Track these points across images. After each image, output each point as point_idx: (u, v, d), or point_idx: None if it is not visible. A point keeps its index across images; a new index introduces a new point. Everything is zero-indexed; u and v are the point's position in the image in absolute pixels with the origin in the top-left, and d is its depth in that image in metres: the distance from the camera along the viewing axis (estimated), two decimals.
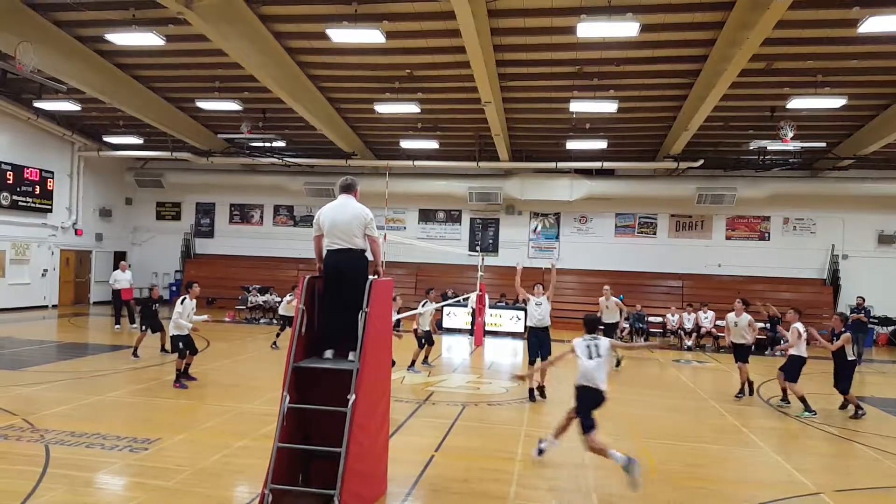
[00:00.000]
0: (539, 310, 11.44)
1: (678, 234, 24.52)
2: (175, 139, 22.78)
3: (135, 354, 13.09)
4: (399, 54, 15.75)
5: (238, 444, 7.63)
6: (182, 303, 10.97)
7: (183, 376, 10.86)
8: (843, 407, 10.86)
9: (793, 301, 22.34)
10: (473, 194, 24.21)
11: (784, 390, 11.07)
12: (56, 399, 9.50)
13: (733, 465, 7.85)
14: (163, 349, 13.52)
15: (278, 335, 15.77)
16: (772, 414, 10.72)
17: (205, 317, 11.57)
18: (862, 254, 22.98)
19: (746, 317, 11.95)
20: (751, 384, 11.88)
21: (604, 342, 7.29)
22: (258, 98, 18.90)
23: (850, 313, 17.81)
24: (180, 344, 10.73)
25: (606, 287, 15.72)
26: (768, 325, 18.88)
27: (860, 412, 10.38)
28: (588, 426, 6.91)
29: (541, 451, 7.43)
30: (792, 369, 10.71)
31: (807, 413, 10.20)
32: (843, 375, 10.66)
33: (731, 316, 12.16)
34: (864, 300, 18.02)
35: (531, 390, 10.89)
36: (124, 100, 19.08)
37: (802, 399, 10.42)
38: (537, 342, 11.14)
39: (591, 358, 7.28)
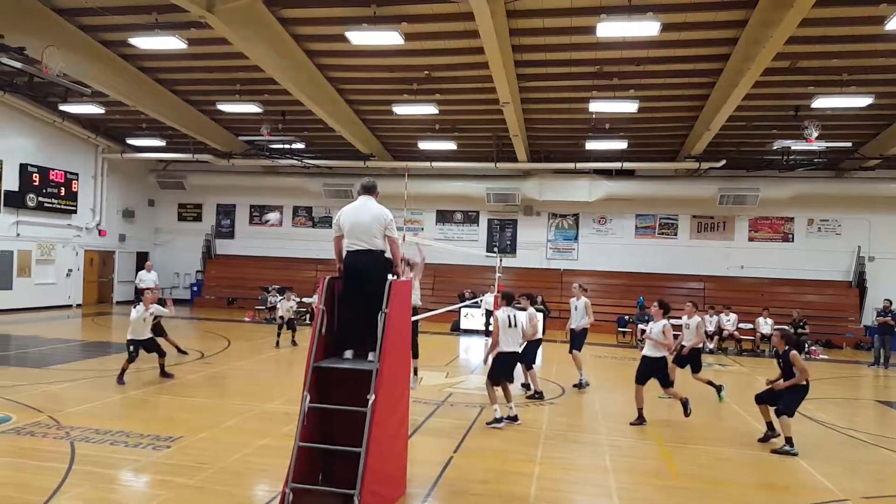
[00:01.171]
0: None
1: (699, 235, 24.26)
2: (196, 141, 23.03)
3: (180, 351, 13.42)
4: (417, 56, 15.77)
5: (259, 442, 7.68)
6: (135, 308, 11.10)
7: (164, 374, 11.17)
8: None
9: (817, 304, 22.13)
10: (491, 195, 24.17)
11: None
12: (81, 397, 9.64)
13: (757, 469, 7.74)
14: (179, 350, 13.52)
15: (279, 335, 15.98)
16: (796, 418, 10.54)
17: (167, 310, 11.73)
18: (889, 255, 22.55)
19: (696, 319, 11.82)
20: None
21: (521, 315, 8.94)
22: (278, 100, 19.04)
23: (877, 316, 17.52)
24: (131, 347, 10.80)
25: (576, 285, 12.85)
26: (792, 327, 18.66)
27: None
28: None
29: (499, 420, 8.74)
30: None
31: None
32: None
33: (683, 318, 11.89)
34: (891, 303, 17.70)
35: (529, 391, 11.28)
36: (147, 103, 19.34)
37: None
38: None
39: (510, 326, 9.00)
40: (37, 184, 21.75)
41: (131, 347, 10.83)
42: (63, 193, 22.95)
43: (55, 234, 22.96)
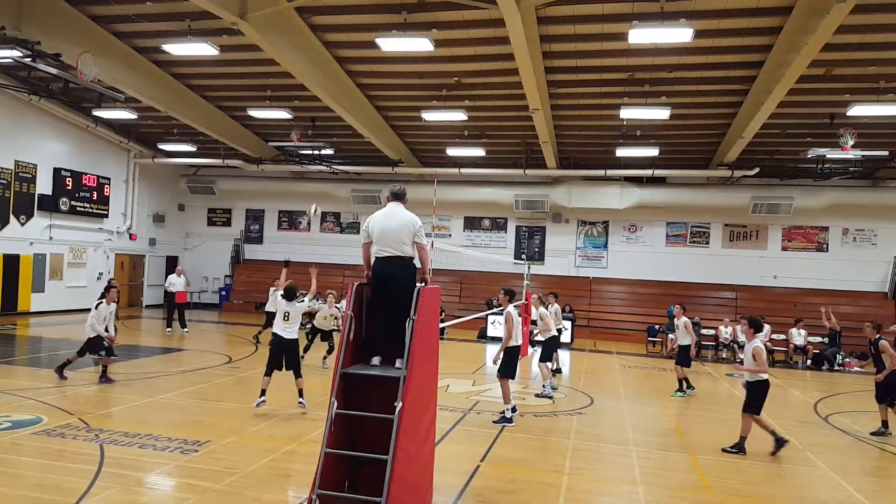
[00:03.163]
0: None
1: (732, 244, 23.84)
2: (227, 147, 23.31)
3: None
4: (447, 62, 15.77)
5: (286, 448, 7.68)
6: (97, 307, 11.07)
7: (102, 377, 10.99)
8: None
9: (852, 315, 21.55)
10: (520, 202, 24.04)
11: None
12: (110, 399, 9.75)
13: (788, 482, 7.53)
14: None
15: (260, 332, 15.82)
16: (828, 430, 10.26)
17: (110, 333, 11.29)
18: None
19: (684, 319, 12.69)
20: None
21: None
22: (308, 106, 19.19)
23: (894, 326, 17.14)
24: (91, 344, 10.81)
25: (535, 296, 12.95)
26: (827, 338, 18.20)
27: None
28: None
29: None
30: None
31: None
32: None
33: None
34: None
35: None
36: (179, 108, 19.63)
37: None
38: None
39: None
40: (70, 188, 22.18)
41: (91, 344, 10.82)
42: (95, 197, 23.37)
43: (87, 238, 23.38)
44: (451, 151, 22.29)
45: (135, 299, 26.16)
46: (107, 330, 11.15)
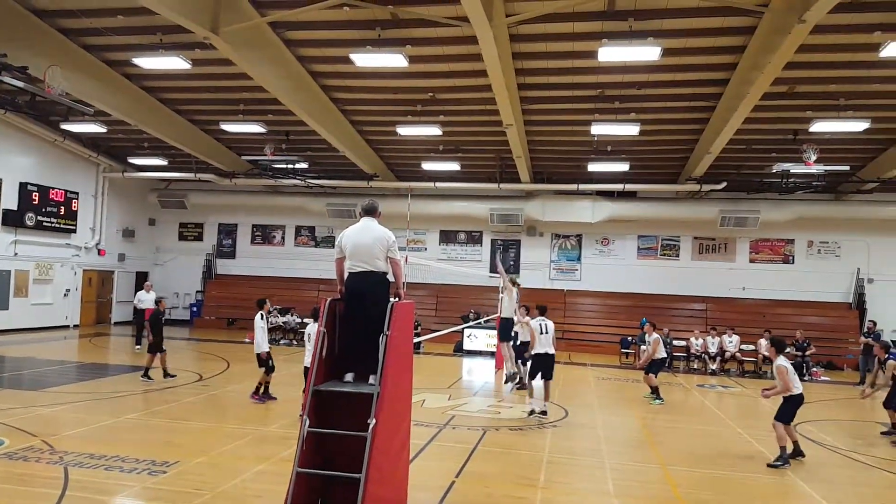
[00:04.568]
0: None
1: (701, 256, 24.24)
2: (199, 161, 23.08)
3: (147, 376, 12.95)
4: (421, 78, 15.86)
5: (257, 467, 7.57)
6: None
7: None
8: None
9: (818, 325, 22.03)
10: (494, 216, 24.18)
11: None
12: (75, 420, 9.53)
13: (760, 493, 7.62)
14: (166, 374, 13.29)
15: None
16: (800, 441, 10.42)
17: None
18: (888, 277, 22.50)
19: (655, 336, 13.40)
20: None
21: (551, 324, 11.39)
22: (282, 120, 19.12)
23: (861, 337, 17.59)
24: None
25: (522, 308, 13.96)
26: (794, 348, 18.60)
27: None
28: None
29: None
30: None
31: None
32: None
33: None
34: (874, 324, 18.15)
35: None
36: (150, 122, 19.41)
37: None
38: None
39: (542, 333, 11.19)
40: (36, 203, 21.73)
41: None
42: (63, 212, 22.93)
43: (54, 254, 22.90)
44: (427, 166, 22.37)
45: (103, 316, 25.65)
46: None
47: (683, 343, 19.96)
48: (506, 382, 13.54)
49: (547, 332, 11.36)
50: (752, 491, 7.70)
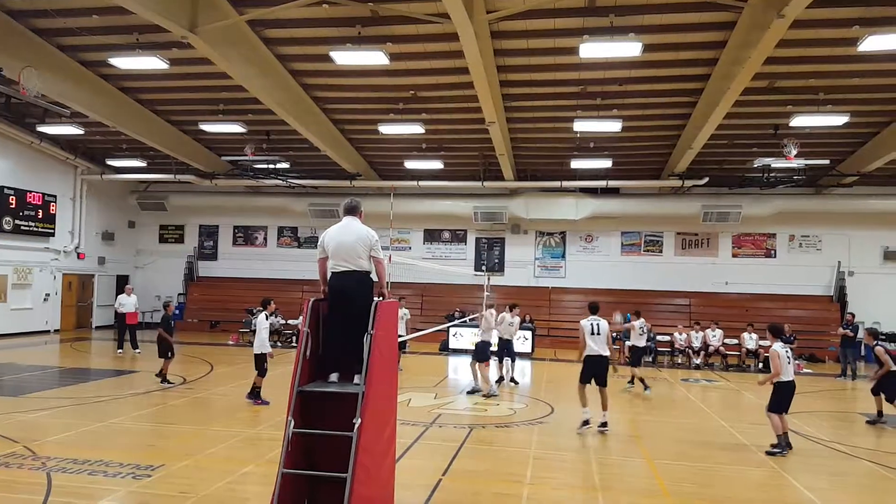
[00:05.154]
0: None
1: (684, 252, 24.41)
2: (178, 162, 22.83)
3: (167, 380, 12.96)
4: (403, 76, 15.80)
5: (243, 470, 7.50)
6: None
7: None
8: None
9: (800, 318, 22.27)
10: (479, 214, 24.18)
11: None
12: (58, 426, 9.38)
13: (745, 485, 7.69)
14: (164, 379, 13.19)
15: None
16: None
17: None
18: (868, 270, 22.83)
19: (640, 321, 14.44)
20: None
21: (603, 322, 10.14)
22: (262, 120, 18.96)
23: (840, 329, 17.80)
24: None
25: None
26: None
27: None
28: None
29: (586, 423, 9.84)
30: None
31: None
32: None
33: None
34: (853, 316, 18.35)
35: None
36: (127, 123, 19.16)
37: None
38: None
39: (594, 333, 10.21)
40: (13, 206, 21.38)
41: None
42: (41, 216, 22.58)
43: (32, 258, 22.54)
44: (410, 164, 22.31)
45: (84, 320, 25.32)
46: None
47: (668, 338, 20.08)
48: (469, 393, 13.12)
49: (599, 333, 10.39)
50: (737, 482, 7.76)
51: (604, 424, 9.93)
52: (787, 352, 9.22)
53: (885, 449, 9.38)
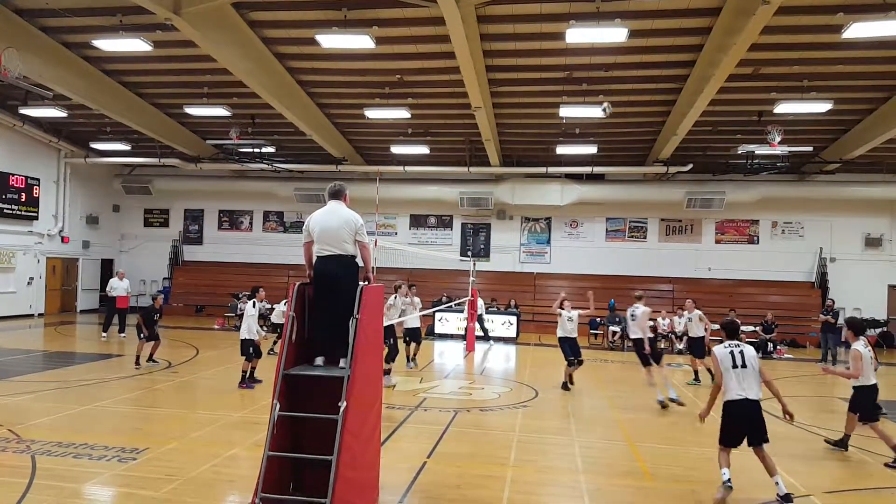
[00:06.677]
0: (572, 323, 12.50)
1: (668, 238, 24.61)
2: (163, 145, 22.62)
3: (137, 363, 13.07)
4: (389, 60, 15.73)
5: (229, 452, 7.55)
6: None
7: None
8: None
9: (782, 304, 22.57)
10: (464, 199, 24.20)
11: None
12: (42, 409, 9.38)
13: None
14: (151, 359, 13.37)
15: (275, 342, 15.64)
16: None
17: None
18: (849, 256, 23.14)
19: (697, 312, 14.40)
20: None
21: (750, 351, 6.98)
22: (247, 103, 18.82)
23: (821, 315, 18.05)
24: None
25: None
26: (761, 327, 19.03)
27: None
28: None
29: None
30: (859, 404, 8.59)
31: None
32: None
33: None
34: (833, 302, 18.61)
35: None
36: (111, 106, 18.93)
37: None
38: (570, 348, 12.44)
39: (735, 367, 6.84)
40: None
41: None
42: (24, 199, 22.34)
43: (15, 242, 22.33)
44: (396, 149, 22.25)
45: (68, 304, 25.15)
46: None
47: (651, 323, 20.22)
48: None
49: (635, 318, 11.72)
50: (714, 466, 7.88)
51: (674, 400, 10.95)
52: (869, 351, 8.31)
53: (864, 433, 9.58)
